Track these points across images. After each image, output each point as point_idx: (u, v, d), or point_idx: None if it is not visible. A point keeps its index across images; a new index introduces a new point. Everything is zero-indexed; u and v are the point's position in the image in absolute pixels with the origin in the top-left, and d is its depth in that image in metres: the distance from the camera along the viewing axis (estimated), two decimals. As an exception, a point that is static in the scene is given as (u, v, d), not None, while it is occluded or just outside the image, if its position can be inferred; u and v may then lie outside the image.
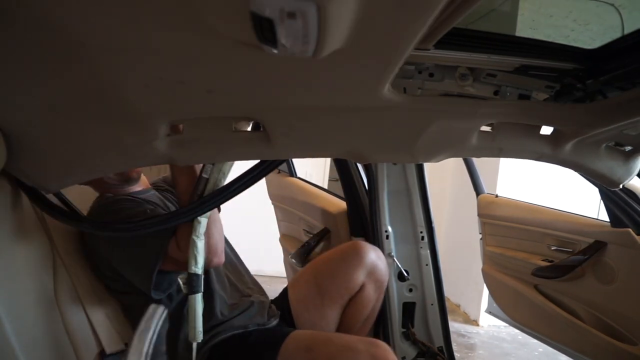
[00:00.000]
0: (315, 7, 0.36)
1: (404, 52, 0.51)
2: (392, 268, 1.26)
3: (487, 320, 2.81)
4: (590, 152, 0.85)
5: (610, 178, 0.89)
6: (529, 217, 1.68)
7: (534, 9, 0.82)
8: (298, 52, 0.42)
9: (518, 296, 1.71)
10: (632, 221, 1.27)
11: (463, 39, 0.66)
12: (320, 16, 0.37)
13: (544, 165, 0.92)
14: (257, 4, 0.36)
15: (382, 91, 0.62)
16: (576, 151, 0.84)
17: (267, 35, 0.39)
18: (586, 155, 0.85)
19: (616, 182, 0.90)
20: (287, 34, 0.39)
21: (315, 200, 1.57)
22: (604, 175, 0.88)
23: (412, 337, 1.27)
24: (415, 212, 1.28)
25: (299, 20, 0.37)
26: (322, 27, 0.39)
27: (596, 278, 1.40)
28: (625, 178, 0.89)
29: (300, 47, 0.42)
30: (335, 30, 0.42)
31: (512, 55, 0.69)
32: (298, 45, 0.41)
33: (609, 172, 0.88)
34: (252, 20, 0.38)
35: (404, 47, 0.49)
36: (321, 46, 0.42)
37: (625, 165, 0.87)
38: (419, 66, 0.71)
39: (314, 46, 0.42)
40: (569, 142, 0.82)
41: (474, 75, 0.73)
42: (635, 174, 0.90)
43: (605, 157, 0.86)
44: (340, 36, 0.44)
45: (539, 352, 2.55)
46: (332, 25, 0.40)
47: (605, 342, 1.37)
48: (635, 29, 0.66)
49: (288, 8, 0.36)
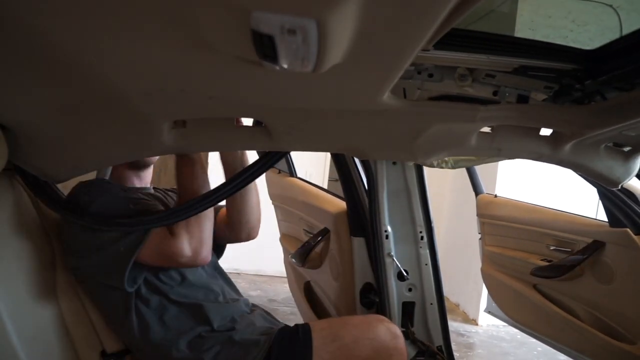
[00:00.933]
0: (316, 23, 0.36)
1: (403, 64, 0.51)
2: (391, 267, 1.27)
3: (486, 320, 2.82)
4: (590, 152, 0.85)
5: (610, 178, 0.89)
6: (528, 217, 1.68)
7: (533, 9, 0.83)
8: (298, 68, 0.42)
9: (517, 296, 1.72)
10: (630, 221, 1.28)
11: (462, 40, 0.66)
12: (320, 32, 0.37)
13: (543, 165, 0.92)
14: (257, 22, 0.36)
15: (382, 98, 0.63)
16: (575, 152, 0.84)
17: (268, 52, 0.39)
18: (585, 156, 0.85)
19: (615, 182, 0.90)
20: (288, 51, 0.39)
21: (315, 200, 1.57)
22: (603, 175, 0.88)
23: (411, 337, 1.27)
24: (414, 212, 1.28)
25: (299, 37, 0.37)
26: (322, 44, 0.39)
27: (595, 277, 1.41)
28: (625, 178, 0.89)
29: (300, 63, 0.42)
30: (335, 46, 0.42)
31: (511, 56, 0.70)
32: (298, 62, 0.41)
33: (608, 172, 0.88)
34: (253, 38, 0.38)
35: (403, 60, 0.50)
36: (321, 62, 0.42)
37: (625, 165, 0.87)
38: (419, 67, 0.72)
39: (314, 62, 0.42)
40: (568, 143, 0.82)
41: (473, 76, 0.73)
42: (635, 174, 0.90)
43: (604, 157, 0.86)
44: (340, 51, 0.44)
45: (537, 351, 2.55)
46: (332, 41, 0.40)
47: (603, 341, 1.38)
48: (633, 30, 0.66)
49: (288, 25, 0.36)
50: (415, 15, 0.40)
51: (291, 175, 1.87)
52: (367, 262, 1.31)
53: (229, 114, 0.76)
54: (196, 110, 0.70)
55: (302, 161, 2.36)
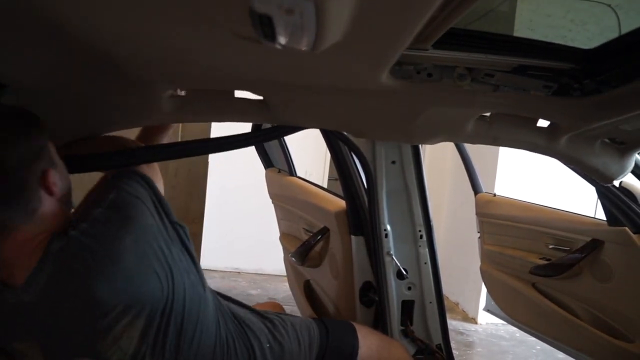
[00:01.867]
0: (313, 3, 0.36)
1: (403, 44, 0.52)
2: (390, 266, 1.27)
3: (485, 318, 2.83)
4: (586, 146, 0.85)
5: (604, 174, 0.88)
6: (527, 216, 1.69)
7: (532, 9, 0.83)
8: (297, 47, 0.43)
9: (516, 294, 1.72)
10: (628, 220, 1.28)
11: (461, 39, 0.66)
12: (318, 12, 0.38)
13: (542, 164, 0.93)
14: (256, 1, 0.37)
15: (381, 77, 0.64)
16: (571, 145, 0.84)
17: (266, 31, 0.40)
18: (581, 150, 0.85)
19: (610, 178, 0.89)
20: (286, 30, 0.40)
21: (315, 199, 1.58)
22: (598, 170, 0.88)
23: (410, 335, 1.28)
24: (414, 211, 1.28)
25: (297, 17, 0.38)
26: (320, 23, 0.39)
27: (593, 276, 1.41)
28: (619, 174, 0.89)
29: (298, 43, 0.42)
30: (334, 25, 0.42)
31: (510, 55, 0.70)
32: (297, 41, 0.42)
33: (603, 167, 0.87)
34: (251, 17, 0.39)
35: (402, 39, 0.50)
36: (320, 41, 0.43)
37: (620, 162, 0.87)
38: (417, 66, 0.72)
39: (312, 41, 0.43)
40: (565, 135, 0.82)
41: (472, 75, 0.74)
42: (629, 171, 0.90)
43: (600, 153, 0.86)
44: (339, 30, 0.45)
45: (536, 349, 2.56)
46: (330, 20, 0.40)
47: (602, 340, 1.38)
48: (632, 29, 0.67)
49: (286, 5, 0.37)
50: None
51: (291, 175, 1.87)
52: (366, 260, 1.31)
53: (228, 86, 0.78)
54: (195, 81, 0.73)
55: (302, 160, 2.36)
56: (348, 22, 0.44)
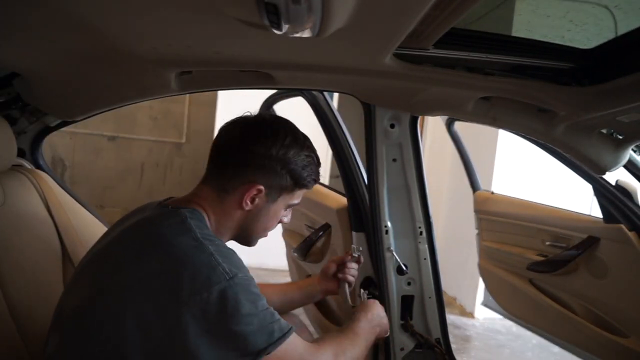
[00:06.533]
0: None
1: (405, 29, 0.53)
2: (391, 262, 1.29)
3: (483, 313, 2.85)
4: (582, 136, 0.85)
5: (598, 164, 0.88)
6: (524, 213, 1.71)
7: (531, 9, 0.84)
8: (303, 33, 0.44)
9: (513, 290, 1.74)
10: (624, 217, 1.30)
11: (461, 39, 0.67)
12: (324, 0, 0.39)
13: (539, 162, 0.94)
14: None
15: (385, 59, 0.65)
16: (568, 133, 0.84)
17: (273, 18, 0.41)
18: (578, 139, 0.85)
19: (602, 169, 0.89)
20: (292, 18, 0.41)
21: (317, 196, 1.59)
22: (592, 160, 0.87)
23: (410, 329, 1.29)
24: (414, 208, 1.29)
25: (303, 5, 0.39)
26: (325, 10, 0.40)
27: (589, 272, 1.43)
28: (612, 166, 0.88)
29: (304, 29, 0.43)
30: (339, 11, 0.43)
31: (509, 55, 0.71)
32: (302, 28, 0.43)
33: (597, 158, 0.87)
34: (257, 5, 0.40)
35: (407, 23, 0.51)
36: (324, 27, 0.44)
37: (614, 154, 0.86)
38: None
39: (317, 28, 0.44)
40: (563, 123, 0.83)
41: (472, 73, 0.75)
42: (623, 164, 0.89)
43: (596, 143, 0.85)
44: (344, 16, 0.45)
45: (532, 343, 2.59)
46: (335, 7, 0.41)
47: (597, 334, 1.40)
48: (630, 30, 0.68)
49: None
50: None
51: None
52: (367, 256, 1.33)
53: (234, 67, 0.81)
54: (202, 64, 0.77)
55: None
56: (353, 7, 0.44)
